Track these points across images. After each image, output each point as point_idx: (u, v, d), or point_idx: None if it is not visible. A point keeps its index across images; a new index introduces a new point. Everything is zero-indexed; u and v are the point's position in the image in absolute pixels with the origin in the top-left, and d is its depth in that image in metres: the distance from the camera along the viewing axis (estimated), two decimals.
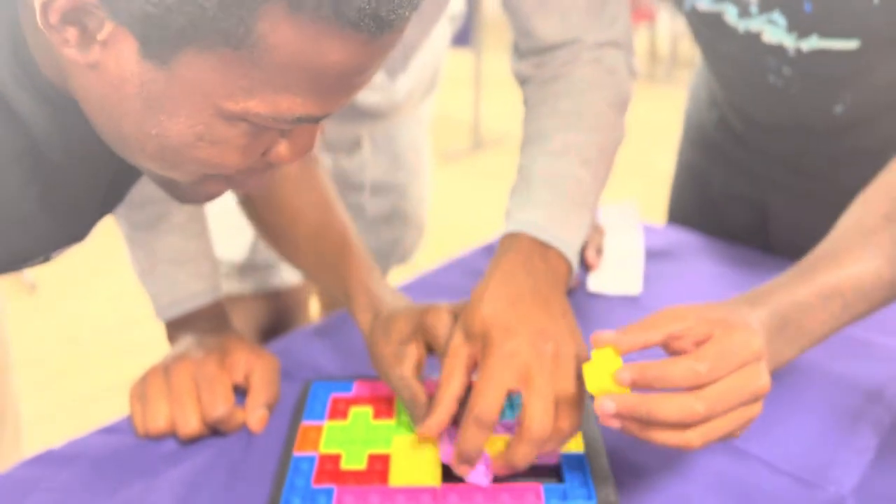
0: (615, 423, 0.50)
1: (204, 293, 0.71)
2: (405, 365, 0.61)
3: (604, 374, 0.51)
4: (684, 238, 1.00)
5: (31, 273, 2.33)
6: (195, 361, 0.64)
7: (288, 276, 0.99)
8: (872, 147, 0.83)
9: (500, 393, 0.54)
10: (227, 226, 0.92)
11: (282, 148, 0.47)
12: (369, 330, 0.65)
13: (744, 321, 0.53)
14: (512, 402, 0.65)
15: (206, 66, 0.40)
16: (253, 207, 0.72)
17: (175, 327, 0.71)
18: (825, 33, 0.72)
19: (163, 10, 0.38)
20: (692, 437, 0.49)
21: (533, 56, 0.73)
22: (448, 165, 3.37)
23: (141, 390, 0.64)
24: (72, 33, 0.40)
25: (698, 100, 1.01)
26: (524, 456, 0.54)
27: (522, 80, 0.75)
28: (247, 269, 0.96)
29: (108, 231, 0.71)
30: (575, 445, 0.61)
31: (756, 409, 0.51)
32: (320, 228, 0.69)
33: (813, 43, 0.73)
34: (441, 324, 0.60)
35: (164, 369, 0.65)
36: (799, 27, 0.73)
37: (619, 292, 0.86)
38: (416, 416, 0.60)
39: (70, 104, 0.47)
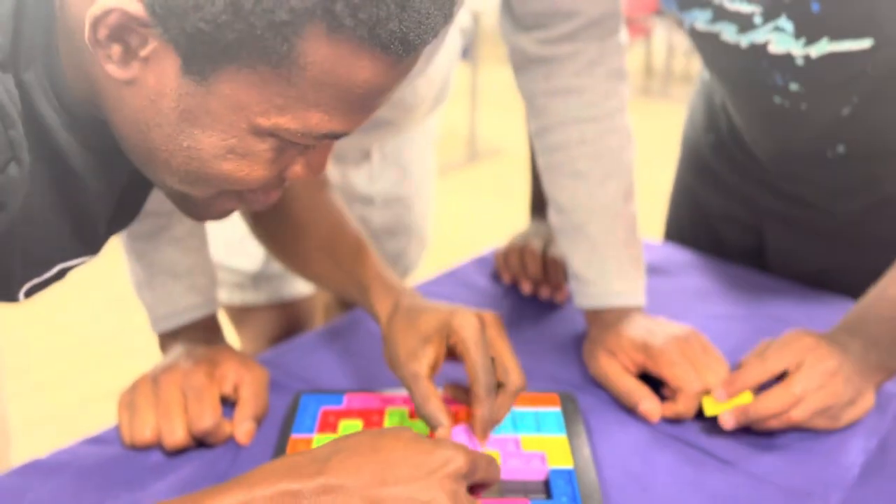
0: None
1: (199, 307, 0.71)
2: (422, 362, 0.61)
3: (716, 403, 0.65)
4: (681, 255, 1.00)
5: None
6: (184, 372, 0.64)
7: (300, 286, 0.99)
8: (868, 176, 0.83)
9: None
10: (241, 236, 0.92)
11: (299, 166, 0.49)
12: (387, 319, 0.65)
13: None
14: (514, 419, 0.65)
15: (244, 83, 0.42)
16: (258, 220, 0.73)
17: (168, 338, 0.71)
18: (836, 35, 0.69)
19: (213, 28, 0.39)
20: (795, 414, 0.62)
21: (536, 29, 0.75)
22: (444, 177, 3.37)
23: (129, 399, 0.64)
24: (115, 49, 0.42)
25: (695, 123, 1.01)
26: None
27: (525, 84, 0.78)
28: (260, 279, 0.96)
29: None
30: (563, 461, 0.61)
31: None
32: (333, 239, 0.71)
33: (823, 47, 0.70)
34: (469, 325, 0.60)
35: (153, 379, 0.64)
36: (807, 31, 0.70)
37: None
38: (428, 415, 0.59)
39: (94, 120, 0.48)
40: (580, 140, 0.76)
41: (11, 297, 0.54)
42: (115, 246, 0.73)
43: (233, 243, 0.93)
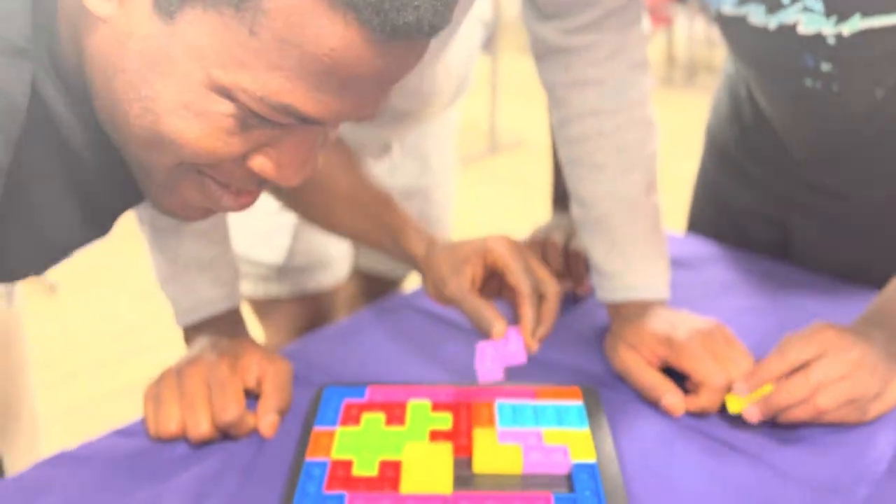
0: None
1: (222, 299, 0.72)
2: (465, 279, 0.67)
3: (739, 399, 0.64)
4: (704, 248, 0.99)
5: (51, 274, 2.35)
6: (208, 365, 0.65)
7: (323, 279, 1.00)
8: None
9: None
10: (266, 228, 0.92)
11: (267, 159, 0.47)
12: (425, 256, 0.71)
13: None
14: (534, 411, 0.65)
15: (208, 28, 0.41)
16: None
17: (192, 331, 0.72)
18: (868, 10, 0.67)
19: None
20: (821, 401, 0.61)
21: (557, 18, 0.75)
22: (465, 169, 3.37)
23: (154, 392, 0.65)
24: None
25: (720, 115, 1.00)
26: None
27: (546, 75, 0.78)
28: (284, 271, 0.97)
29: (126, 233, 0.72)
30: (586, 454, 0.60)
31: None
32: (356, 190, 0.74)
33: (855, 24, 0.68)
34: (503, 242, 0.68)
35: (178, 372, 0.65)
36: (837, 9, 0.68)
37: None
38: (482, 320, 0.65)
39: (88, 95, 0.47)
40: (599, 132, 0.75)
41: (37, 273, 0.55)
42: (141, 239, 0.74)
43: (257, 236, 0.94)
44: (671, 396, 0.66)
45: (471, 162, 3.46)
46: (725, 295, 0.88)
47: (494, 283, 0.71)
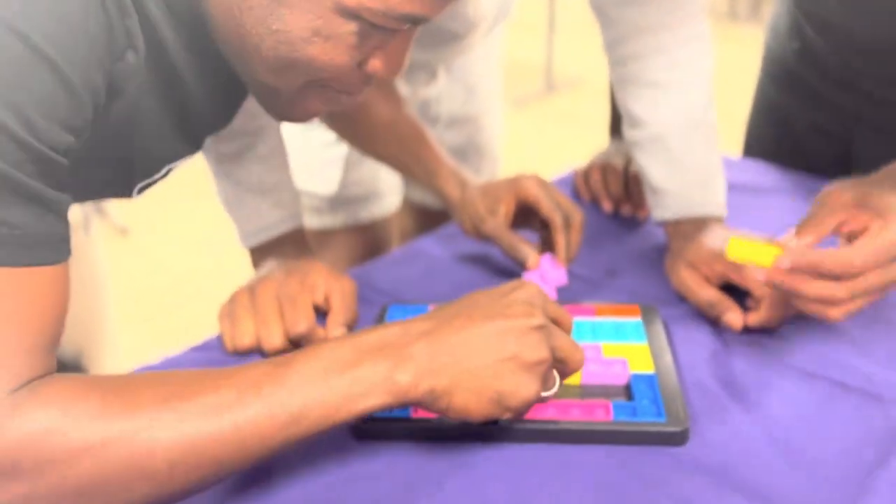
0: (782, 279, 0.59)
1: (285, 220, 0.75)
2: (500, 217, 0.75)
3: (748, 248, 0.62)
4: (761, 170, 0.98)
5: (123, 217, 2.44)
6: (278, 281, 0.68)
7: (378, 209, 1.02)
8: None
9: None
10: (319, 161, 0.95)
11: (378, 59, 0.51)
12: (459, 195, 0.77)
13: None
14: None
15: None
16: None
17: (259, 254, 0.75)
18: None
19: None
20: (834, 313, 0.59)
21: None
22: (520, 110, 3.33)
23: (229, 310, 0.68)
24: None
25: (778, 30, 0.97)
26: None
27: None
28: (337, 202, 1.00)
29: (195, 177, 0.75)
30: (645, 366, 0.62)
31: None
32: (395, 117, 0.79)
33: None
34: (532, 179, 0.75)
35: (250, 290, 0.68)
36: None
37: None
38: (518, 254, 0.73)
39: (196, 20, 0.50)
40: (656, 49, 0.75)
41: (128, 193, 0.58)
42: (209, 185, 0.77)
43: (311, 169, 0.96)
44: (731, 314, 0.67)
45: (526, 102, 3.41)
46: (787, 218, 0.87)
47: (522, 216, 0.77)
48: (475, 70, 1.04)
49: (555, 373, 0.54)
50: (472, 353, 0.49)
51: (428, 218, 1.10)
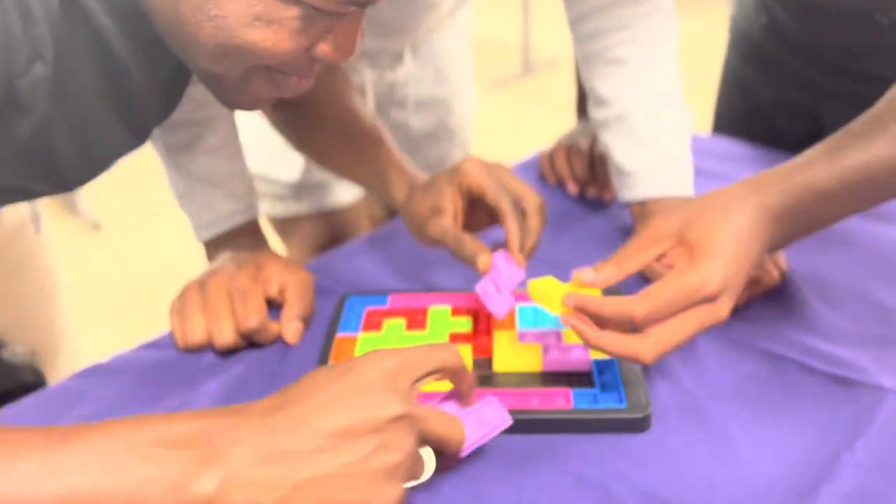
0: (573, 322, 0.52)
1: (239, 212, 0.72)
2: (445, 216, 0.64)
3: (551, 291, 0.55)
4: (732, 147, 0.96)
5: (95, 212, 2.40)
6: (229, 275, 0.66)
7: (342, 195, 1.00)
8: None
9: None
10: (281, 147, 0.92)
11: (327, 44, 0.49)
12: (406, 199, 0.69)
13: (717, 245, 0.52)
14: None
15: None
16: (279, 116, 0.73)
17: (213, 247, 0.73)
18: None
19: None
20: (642, 350, 0.50)
21: None
22: (497, 92, 3.30)
23: (179, 305, 0.66)
24: None
25: (745, 4, 0.96)
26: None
27: None
28: (301, 189, 0.97)
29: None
30: None
31: (710, 318, 0.51)
32: (349, 125, 0.72)
33: None
34: (474, 164, 0.65)
35: (200, 284, 0.66)
36: None
37: None
38: (467, 257, 0.63)
39: (133, 7, 0.48)
40: (618, 25, 0.73)
41: (66, 190, 0.56)
42: None
43: (273, 155, 0.94)
44: None
45: (503, 84, 3.38)
46: None
47: (481, 212, 0.67)
48: (443, 51, 1.01)
49: (427, 452, 0.44)
50: (310, 459, 0.37)
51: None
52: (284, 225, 1.01)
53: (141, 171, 0.56)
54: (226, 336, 0.63)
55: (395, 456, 0.39)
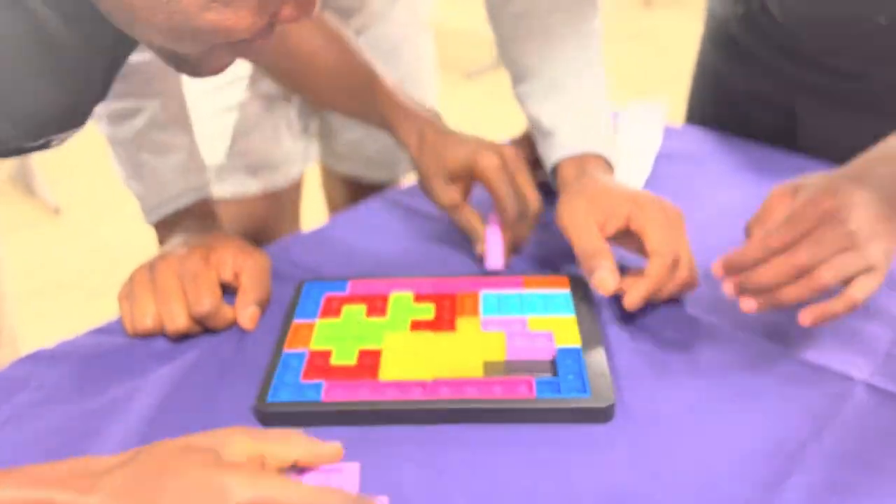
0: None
1: (189, 191, 0.70)
2: (454, 191, 0.70)
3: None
4: (704, 138, 0.95)
5: (55, 197, 2.34)
6: (179, 258, 0.63)
7: (273, 180, 0.96)
8: None
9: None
10: (208, 132, 0.89)
11: (288, 7, 0.45)
12: (417, 152, 0.71)
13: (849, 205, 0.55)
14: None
15: None
16: (270, 62, 0.73)
17: (164, 229, 0.70)
18: None
19: None
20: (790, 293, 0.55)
21: None
22: (472, 82, 3.28)
23: (128, 290, 0.63)
24: None
25: None
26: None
27: None
28: (227, 171, 0.93)
29: None
30: (571, 340, 0.59)
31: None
32: (342, 64, 0.73)
33: None
34: (491, 164, 0.68)
35: (150, 268, 0.63)
36: None
37: None
38: (471, 235, 0.70)
39: None
40: (551, 6, 0.71)
41: None
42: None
43: (200, 138, 0.90)
44: (603, 272, 0.60)
45: (478, 74, 3.36)
46: (728, 187, 0.84)
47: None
48: (394, 35, 0.98)
49: None
50: None
51: (359, 190, 1.06)
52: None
53: (101, 154, 0.54)
54: (178, 321, 0.60)
55: None
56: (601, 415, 0.53)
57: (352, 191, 1.07)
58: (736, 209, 0.73)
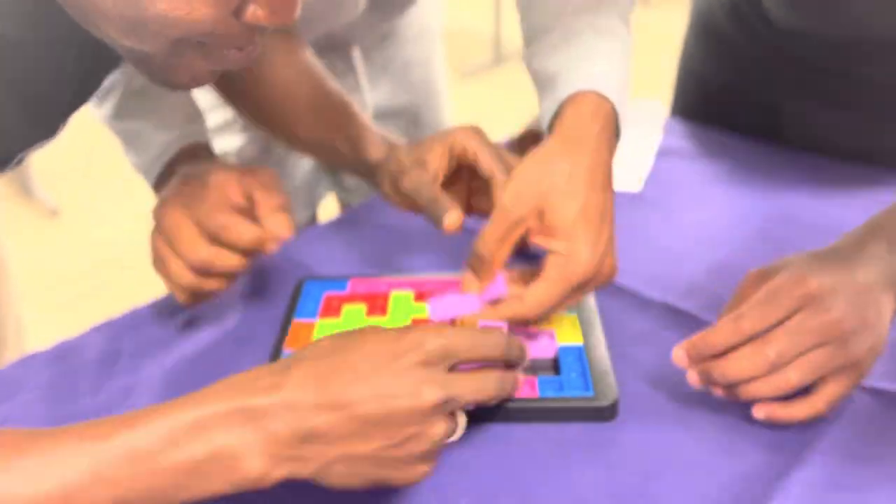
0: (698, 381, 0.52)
1: (174, 140, 0.66)
2: (423, 170, 0.61)
3: None
4: (685, 132, 0.94)
5: (53, 198, 2.34)
6: (183, 204, 0.58)
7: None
8: None
9: None
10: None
11: (259, 6, 0.43)
12: (383, 159, 0.66)
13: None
14: None
15: None
16: (239, 92, 0.69)
17: (162, 189, 0.65)
18: None
19: None
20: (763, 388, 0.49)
21: None
22: (466, 82, 3.28)
23: (155, 260, 0.59)
24: None
25: None
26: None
27: None
28: None
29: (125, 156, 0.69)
30: (573, 338, 0.58)
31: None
32: (319, 97, 0.69)
33: None
34: (469, 132, 0.62)
35: (158, 231, 0.59)
36: None
37: (618, 188, 0.81)
38: (437, 216, 0.59)
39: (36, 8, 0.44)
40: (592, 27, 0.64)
41: None
42: None
43: None
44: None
45: (474, 73, 3.35)
46: (711, 186, 0.83)
47: (462, 184, 0.65)
48: (402, 58, 0.95)
49: (461, 415, 0.45)
50: (345, 441, 0.40)
51: None
52: None
53: (100, 156, 0.54)
54: (230, 259, 0.57)
55: (428, 443, 0.41)
56: (605, 413, 0.52)
57: None
58: (723, 210, 0.72)
